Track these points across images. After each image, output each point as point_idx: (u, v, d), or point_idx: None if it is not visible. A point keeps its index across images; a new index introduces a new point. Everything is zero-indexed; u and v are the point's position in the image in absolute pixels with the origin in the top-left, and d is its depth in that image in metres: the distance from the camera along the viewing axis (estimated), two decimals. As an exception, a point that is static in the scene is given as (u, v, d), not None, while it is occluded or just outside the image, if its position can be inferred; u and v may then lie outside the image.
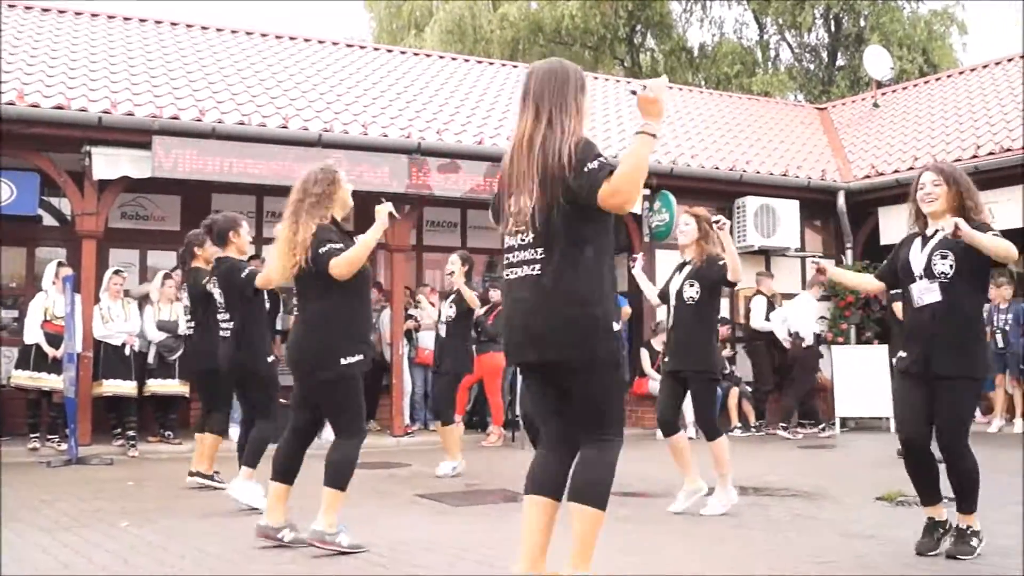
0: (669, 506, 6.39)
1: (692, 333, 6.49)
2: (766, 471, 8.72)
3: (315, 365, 5.06)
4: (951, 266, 4.79)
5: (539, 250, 3.40)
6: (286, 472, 5.15)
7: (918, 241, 5.01)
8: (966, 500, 4.81)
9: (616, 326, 3.44)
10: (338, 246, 5.02)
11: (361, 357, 5.08)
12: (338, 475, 4.99)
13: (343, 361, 5.00)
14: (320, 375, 5.05)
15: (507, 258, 3.54)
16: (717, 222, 6.47)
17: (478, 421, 12.54)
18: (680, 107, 17.02)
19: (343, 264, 4.99)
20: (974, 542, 4.77)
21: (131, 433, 10.12)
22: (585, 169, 3.31)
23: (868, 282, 5.48)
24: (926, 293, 4.87)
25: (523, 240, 3.45)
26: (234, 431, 10.83)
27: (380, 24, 32.58)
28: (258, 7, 34.11)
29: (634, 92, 3.45)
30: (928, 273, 4.85)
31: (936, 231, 4.93)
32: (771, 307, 13.19)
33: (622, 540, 5.24)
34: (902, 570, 4.58)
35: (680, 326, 6.55)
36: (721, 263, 6.48)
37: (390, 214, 5.23)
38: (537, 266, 3.40)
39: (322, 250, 5.02)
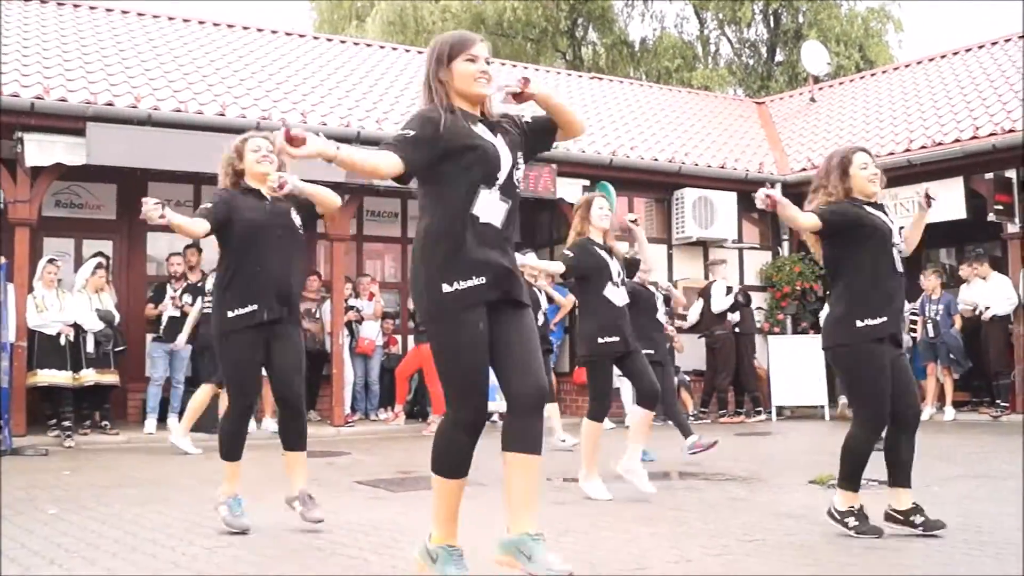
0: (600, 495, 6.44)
1: (629, 312, 6.64)
2: (702, 457, 8.84)
3: (212, 330, 5.22)
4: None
5: None
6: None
7: (873, 209, 4.97)
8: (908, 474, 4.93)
9: (446, 287, 3.52)
10: (205, 207, 5.13)
11: (246, 310, 5.04)
12: (219, 443, 5.18)
13: (228, 314, 5.04)
14: (213, 337, 5.23)
15: None
16: (633, 221, 6.78)
17: (419, 411, 12.56)
18: (620, 99, 17.15)
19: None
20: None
21: (66, 423, 9.97)
22: None
23: (810, 219, 4.94)
24: (900, 262, 4.97)
25: None
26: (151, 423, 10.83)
27: (321, 15, 32.41)
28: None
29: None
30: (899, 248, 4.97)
31: (881, 205, 5.05)
32: (730, 292, 13.31)
33: (559, 523, 5.30)
34: (828, 547, 4.69)
35: (626, 306, 6.61)
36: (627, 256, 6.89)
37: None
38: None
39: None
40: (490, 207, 3.60)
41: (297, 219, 5.27)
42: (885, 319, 4.81)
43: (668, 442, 9.47)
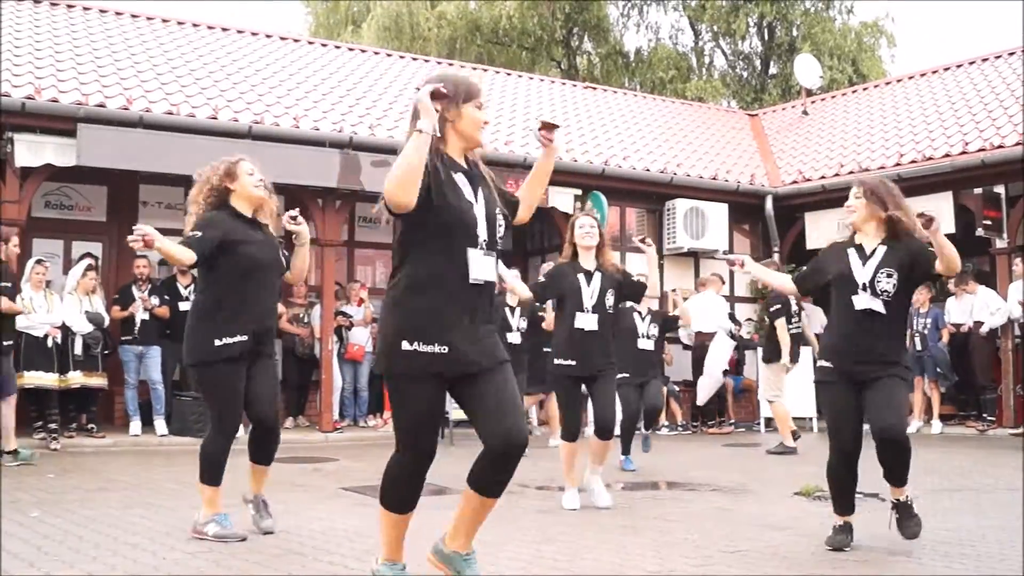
0: (565, 503, 6.41)
1: (608, 338, 6.55)
2: (689, 467, 8.87)
3: (187, 354, 5.12)
4: (894, 285, 4.91)
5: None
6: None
7: (854, 253, 5.04)
8: (898, 476, 4.92)
9: (405, 345, 3.46)
10: (195, 235, 4.94)
11: (235, 340, 5.00)
12: (200, 468, 5.07)
13: (216, 342, 4.98)
14: (190, 362, 5.15)
15: None
16: (643, 240, 6.80)
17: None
18: (614, 110, 17.17)
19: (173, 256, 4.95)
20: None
21: (52, 426, 9.92)
22: None
23: (784, 283, 5.61)
24: (870, 305, 4.95)
25: None
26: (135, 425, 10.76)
27: (317, 19, 32.42)
28: (193, -1, 33.63)
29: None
30: (872, 288, 4.93)
31: (875, 248, 5.01)
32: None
33: (542, 532, 5.31)
34: (811, 559, 4.70)
35: (598, 334, 6.46)
36: (636, 279, 6.74)
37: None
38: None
39: (187, 235, 5.01)
40: (479, 266, 3.56)
41: (285, 255, 5.33)
42: (832, 364, 5.00)
43: (659, 452, 9.49)
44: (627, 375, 8.38)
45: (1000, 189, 12.44)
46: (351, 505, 6.46)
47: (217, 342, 4.98)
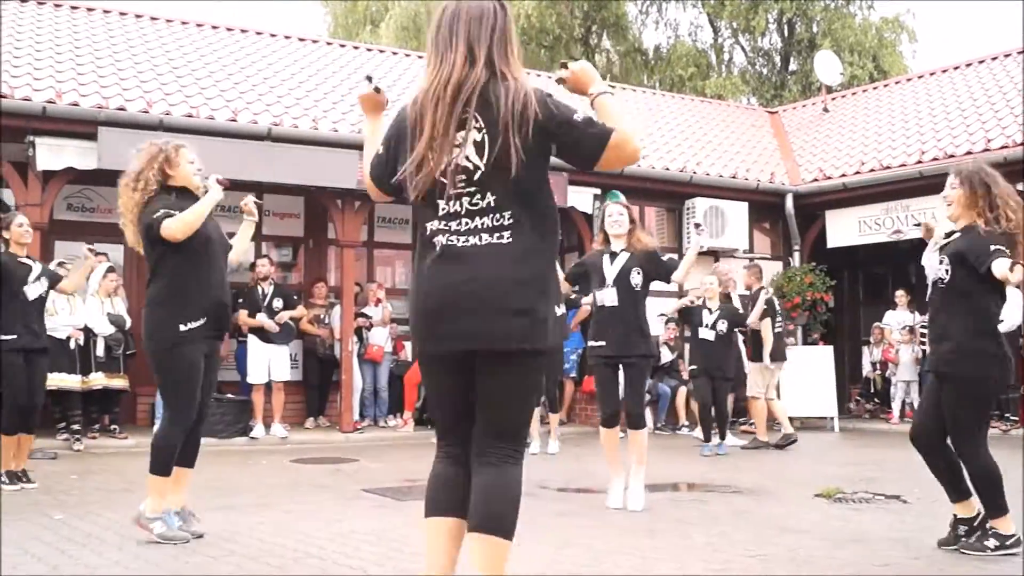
0: (607, 502, 6.43)
1: (635, 318, 6.54)
2: (709, 468, 8.83)
3: (149, 338, 5.10)
4: (947, 271, 4.94)
5: (505, 215, 2.89)
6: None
7: (933, 246, 5.11)
8: (985, 502, 4.84)
9: (559, 311, 3.03)
10: (172, 212, 4.98)
11: (198, 323, 5.03)
12: (152, 459, 5.09)
13: (181, 327, 4.99)
14: (153, 347, 5.09)
15: (444, 226, 2.95)
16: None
17: (428, 418, 12.53)
18: (633, 108, 17.13)
19: (176, 225, 4.93)
20: (989, 542, 4.76)
21: (75, 427, 10.00)
22: (576, 120, 2.89)
23: None
24: (934, 288, 5.05)
25: (473, 204, 2.90)
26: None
27: (336, 19, 32.50)
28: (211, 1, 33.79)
29: (561, 80, 3.11)
30: (937, 279, 5.00)
31: (951, 233, 5.04)
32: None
33: (561, 534, 5.30)
34: (831, 562, 4.68)
35: (622, 311, 6.52)
36: (667, 258, 6.80)
37: (219, 180, 5.08)
38: (505, 233, 2.89)
39: (155, 215, 4.98)
40: None
41: (225, 233, 5.46)
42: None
43: (677, 453, 9.48)
44: (695, 367, 10.29)
45: (1022, 186, 12.32)
46: (371, 507, 6.47)
47: (183, 327, 4.99)
